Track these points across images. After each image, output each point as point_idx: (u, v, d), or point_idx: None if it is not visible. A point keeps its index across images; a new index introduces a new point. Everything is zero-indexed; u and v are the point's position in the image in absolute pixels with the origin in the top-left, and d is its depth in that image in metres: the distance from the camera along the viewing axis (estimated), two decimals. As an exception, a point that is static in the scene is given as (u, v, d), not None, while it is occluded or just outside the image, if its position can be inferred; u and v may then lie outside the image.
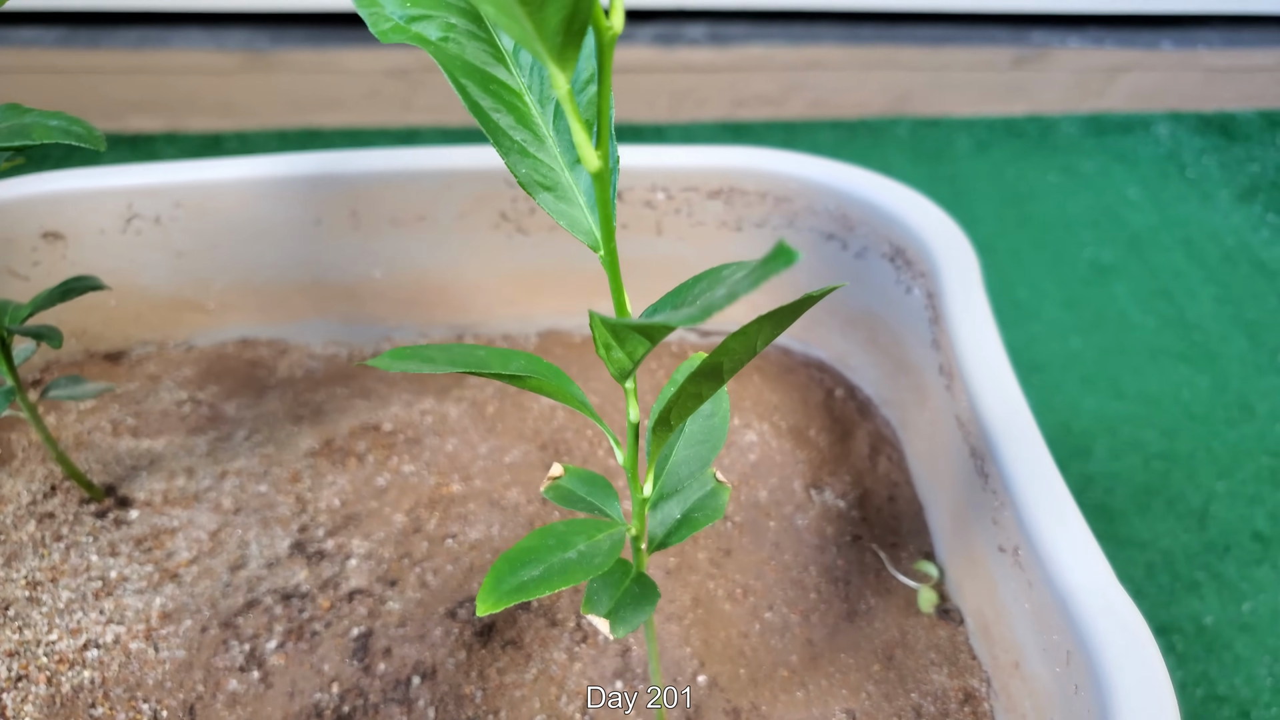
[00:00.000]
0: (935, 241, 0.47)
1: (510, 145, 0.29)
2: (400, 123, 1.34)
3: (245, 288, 0.56)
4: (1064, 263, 1.12)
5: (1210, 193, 1.21)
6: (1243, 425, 0.94)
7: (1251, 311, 1.05)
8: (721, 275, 0.28)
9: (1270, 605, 0.79)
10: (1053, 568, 0.35)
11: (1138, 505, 0.89)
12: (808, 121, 1.31)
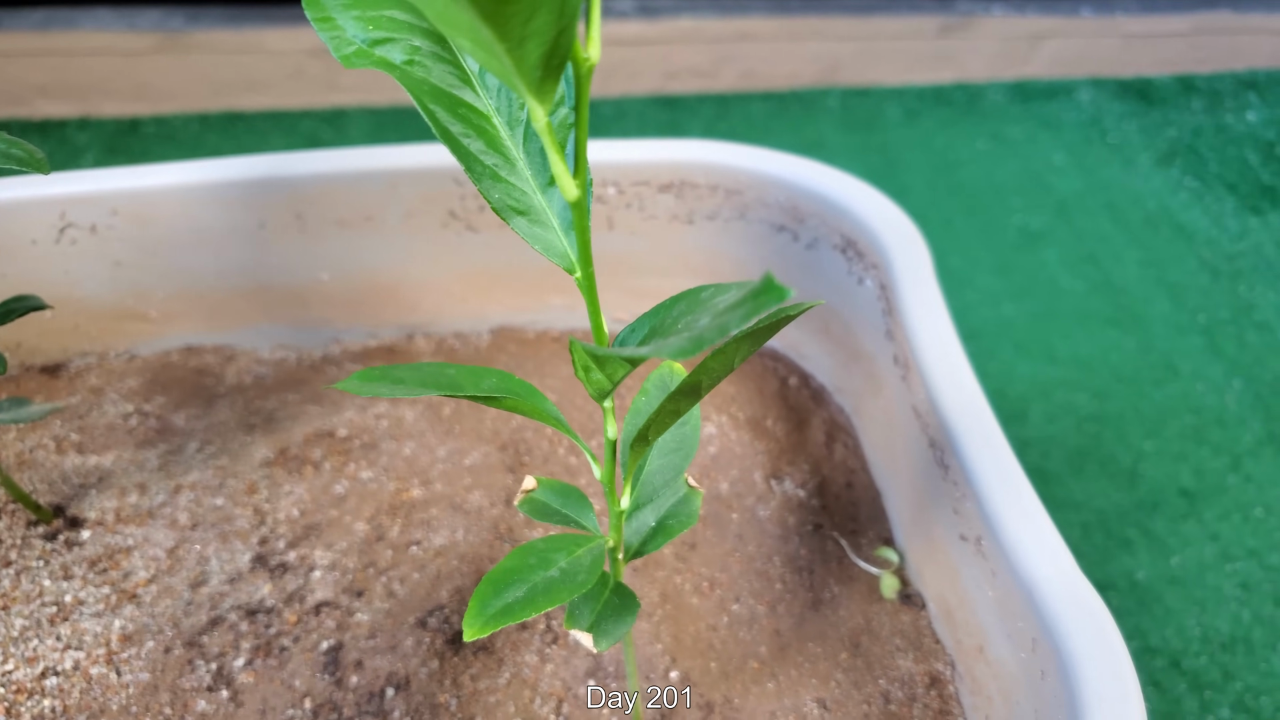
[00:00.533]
0: (886, 233, 0.48)
1: (482, 170, 0.29)
2: (326, 103, 1.31)
3: (188, 295, 0.55)
4: (994, 230, 1.14)
5: (1131, 157, 1.24)
6: (1168, 385, 0.98)
7: (1173, 274, 1.09)
8: (700, 298, 0.29)
9: (1197, 559, 0.82)
10: (1017, 558, 0.36)
11: (1072, 467, 0.92)
12: (740, 93, 1.31)
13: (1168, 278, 1.08)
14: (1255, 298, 1.06)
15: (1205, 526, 0.85)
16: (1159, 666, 0.74)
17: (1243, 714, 0.71)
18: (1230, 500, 0.87)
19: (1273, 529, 0.84)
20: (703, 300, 0.29)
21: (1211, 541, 0.83)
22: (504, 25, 0.21)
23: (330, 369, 0.57)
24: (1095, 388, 0.97)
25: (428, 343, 0.59)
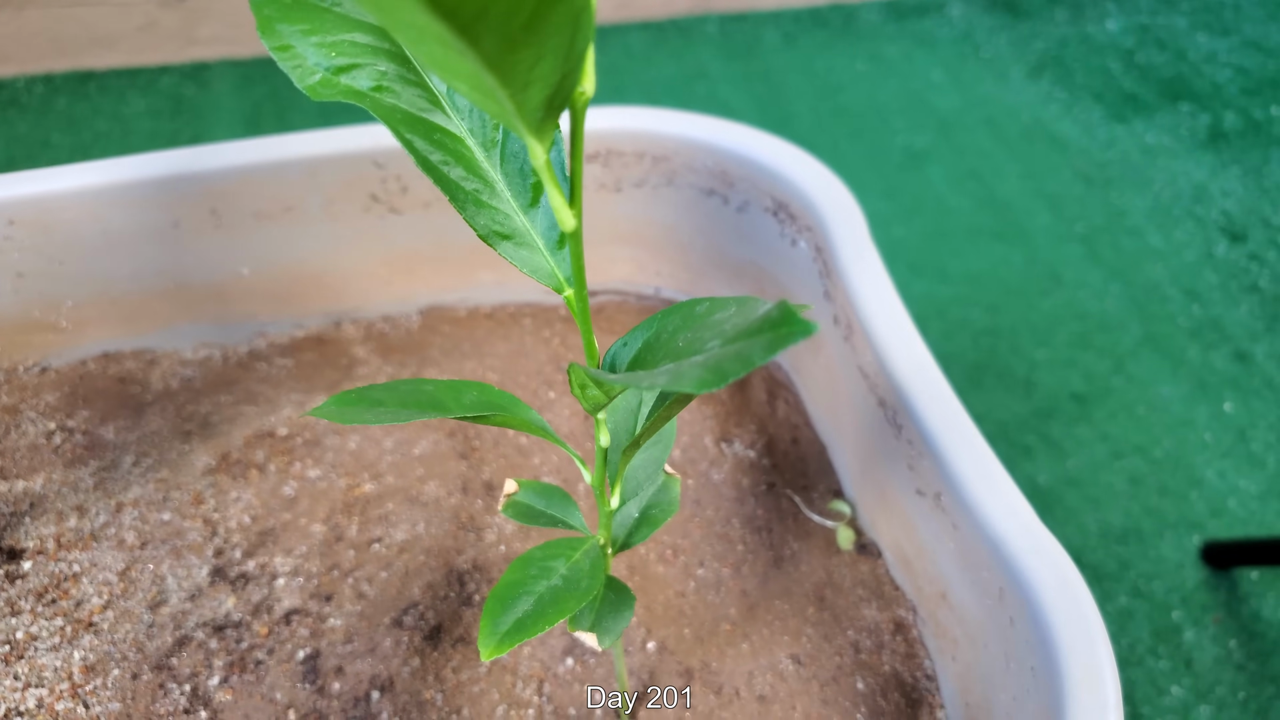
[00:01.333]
0: (818, 196, 0.49)
1: (465, 197, 0.29)
2: (185, 57, 1.25)
3: (101, 300, 0.53)
4: (880, 152, 1.17)
5: (1004, 71, 1.28)
6: (1054, 294, 1.03)
7: (1051, 185, 1.14)
8: (695, 313, 0.29)
9: (1090, 459, 0.88)
10: (980, 514, 0.38)
11: (971, 381, 0.96)
12: (617, 24, 1.30)
13: (1046, 189, 1.13)
14: (1126, 204, 1.11)
15: (1096, 428, 0.90)
16: None
17: (1138, 599, 0.77)
18: (1116, 401, 0.92)
19: (1154, 425, 0.90)
20: (699, 316, 0.29)
21: (1102, 442, 0.89)
22: (508, 73, 0.21)
23: (259, 365, 0.55)
24: (987, 302, 1.02)
25: (356, 329, 0.57)
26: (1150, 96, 1.24)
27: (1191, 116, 1.21)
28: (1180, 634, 0.75)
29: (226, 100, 1.18)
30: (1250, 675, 0.73)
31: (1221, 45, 1.32)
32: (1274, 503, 0.84)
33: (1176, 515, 0.83)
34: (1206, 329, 0.99)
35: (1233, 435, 0.90)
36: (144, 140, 1.13)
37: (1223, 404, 0.92)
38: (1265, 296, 1.03)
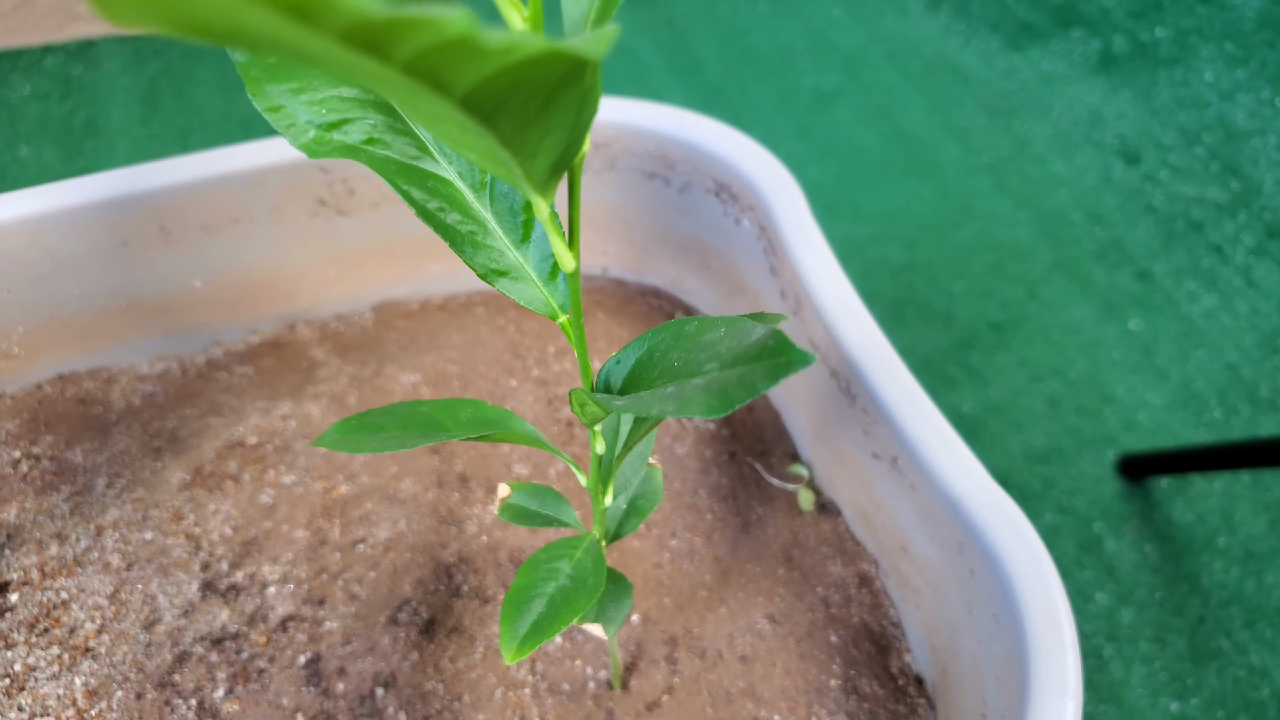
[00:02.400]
0: (758, 177, 0.51)
1: (462, 240, 0.30)
2: (66, 36, 1.21)
3: (53, 324, 0.53)
4: (789, 94, 1.19)
5: (903, 6, 1.31)
6: (966, 226, 1.07)
7: (957, 117, 1.18)
8: (685, 332, 0.32)
9: (1010, 385, 0.93)
10: (937, 475, 0.42)
11: (894, 317, 1.00)
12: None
13: (952, 122, 1.17)
14: (1028, 132, 1.16)
15: (1014, 354, 0.95)
16: None
17: (1064, 515, 0.83)
18: (1031, 327, 0.97)
19: (1068, 347, 0.95)
20: (688, 335, 0.31)
21: (1021, 367, 0.94)
22: (519, 147, 0.23)
23: (219, 374, 0.56)
24: (903, 238, 1.06)
25: (311, 330, 0.58)
26: (1044, 24, 1.28)
27: (1083, 42, 1.26)
28: (1102, 544, 0.80)
29: (119, 79, 1.15)
30: (1165, 576, 0.79)
31: (1108, -31, 1.37)
32: (1179, 413, 0.90)
33: (1093, 432, 0.89)
34: (1110, 250, 1.05)
35: (1139, 352, 0.95)
36: (35, 125, 1.09)
37: (1128, 322, 0.98)
38: (1161, 216, 1.08)
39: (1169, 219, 1.08)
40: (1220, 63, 1.24)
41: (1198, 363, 0.95)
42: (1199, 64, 1.24)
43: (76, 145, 1.08)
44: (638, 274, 0.62)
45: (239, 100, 1.14)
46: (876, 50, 1.24)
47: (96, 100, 1.12)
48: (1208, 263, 1.04)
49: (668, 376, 0.31)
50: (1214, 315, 0.99)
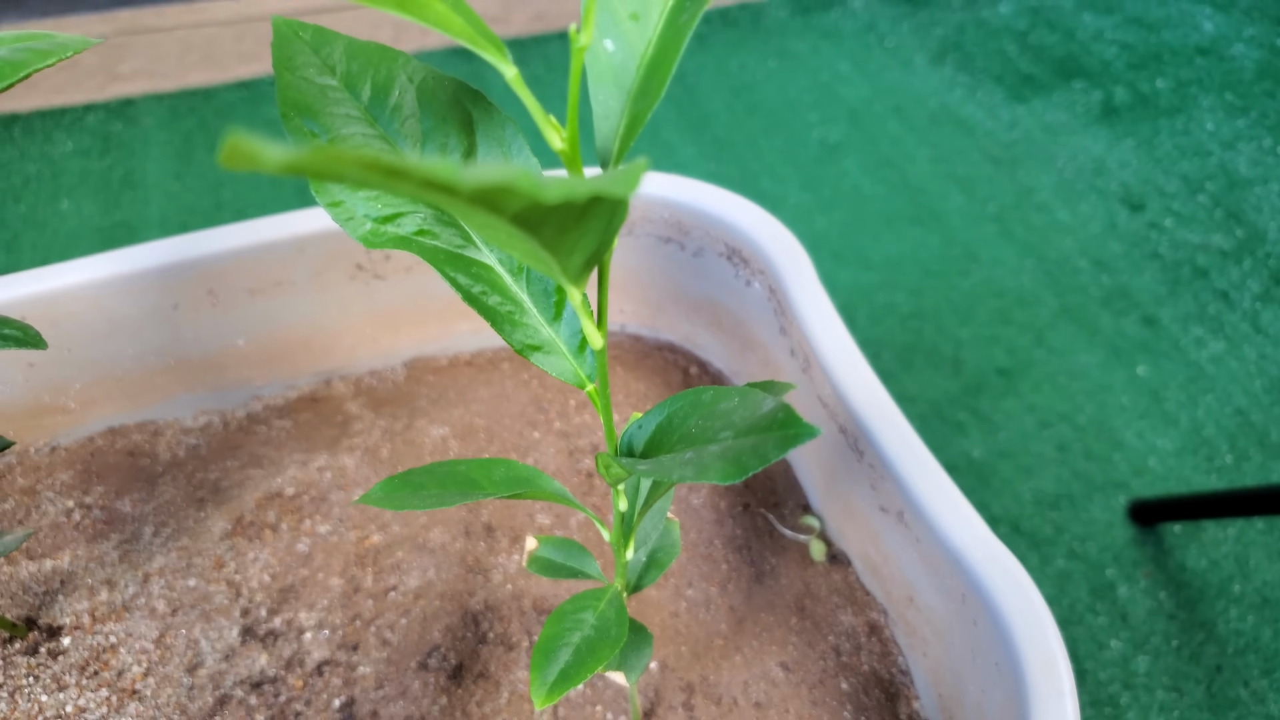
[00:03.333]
0: (767, 243, 0.54)
1: (502, 319, 0.33)
2: (108, 95, 1.25)
3: (106, 381, 0.56)
4: (796, 145, 1.22)
5: (908, 59, 1.34)
6: (972, 273, 1.10)
7: (961, 167, 1.21)
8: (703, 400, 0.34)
9: (1019, 430, 0.95)
10: (940, 529, 0.44)
11: (902, 363, 1.03)
12: (534, 36, 1.33)
13: (957, 172, 1.20)
14: (1032, 181, 1.19)
15: (1022, 399, 0.97)
16: (1002, 533, 0.86)
17: (1074, 560, 0.84)
18: (1039, 372, 1.00)
19: (1076, 392, 0.97)
20: (705, 403, 0.34)
21: (1029, 413, 0.96)
22: (558, 248, 0.26)
23: (259, 428, 0.59)
24: (910, 285, 1.08)
25: (346, 385, 0.61)
26: (1046, 76, 1.32)
27: (1085, 93, 1.29)
28: (1115, 590, 0.81)
29: (156, 134, 1.19)
30: (1181, 623, 0.79)
31: (1107, 23, 1.40)
32: (1189, 458, 0.91)
33: (1103, 477, 0.90)
34: (1116, 297, 1.07)
35: (1148, 397, 0.97)
36: (76, 180, 1.13)
37: (1136, 368, 1.00)
38: (1166, 262, 1.11)
39: (1174, 266, 1.10)
40: (1221, 112, 1.27)
41: (1207, 408, 0.96)
42: (1200, 114, 1.27)
43: (114, 198, 1.12)
44: (654, 330, 0.65)
45: (269, 154, 1.18)
46: (881, 103, 1.27)
47: (134, 155, 1.16)
48: (1214, 309, 1.06)
49: (686, 442, 0.33)
50: (1222, 361, 1.01)
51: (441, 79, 0.35)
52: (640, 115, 0.29)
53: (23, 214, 1.09)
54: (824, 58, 1.33)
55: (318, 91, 0.34)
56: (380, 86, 0.34)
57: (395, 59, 0.35)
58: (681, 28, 0.28)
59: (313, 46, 0.35)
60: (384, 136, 0.34)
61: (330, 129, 0.33)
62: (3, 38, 0.35)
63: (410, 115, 0.34)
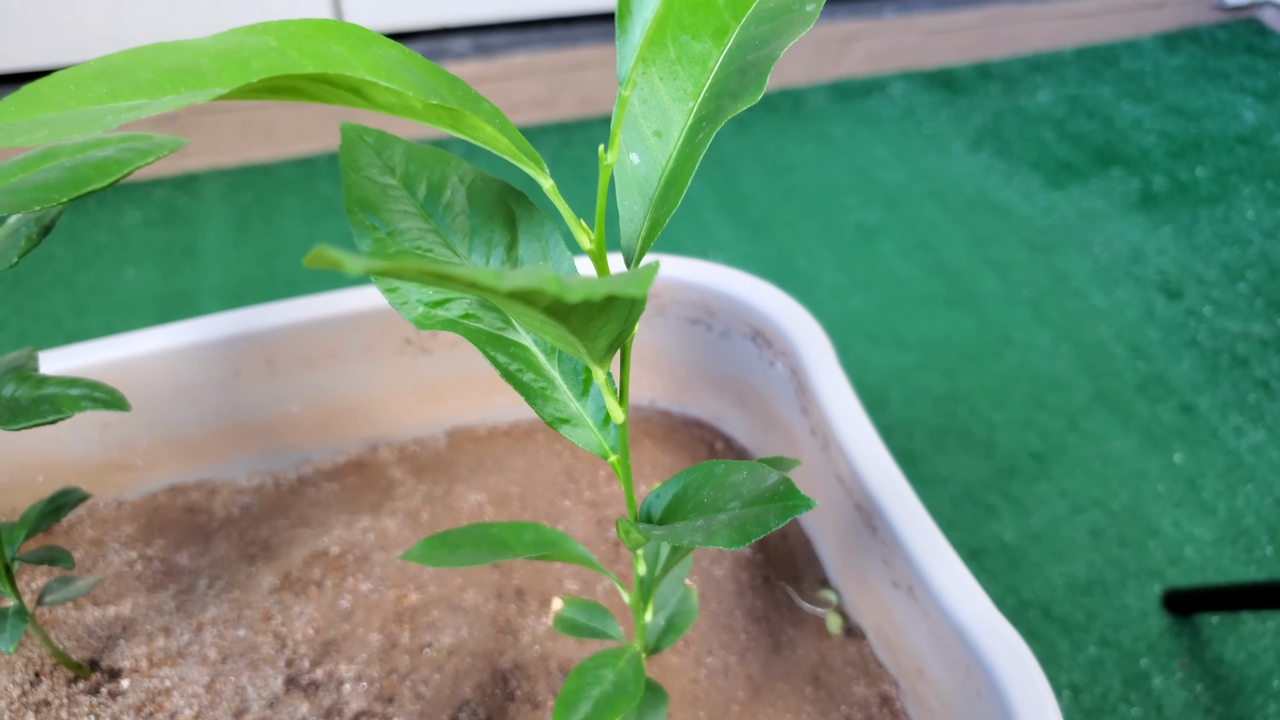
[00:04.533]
0: (790, 327, 0.59)
1: (535, 394, 0.38)
2: (175, 170, 1.33)
3: (170, 442, 0.61)
4: (833, 228, 1.27)
5: (945, 145, 1.40)
6: (1007, 357, 1.13)
7: (997, 252, 1.25)
8: (715, 473, 0.39)
9: (1051, 514, 0.97)
10: (947, 605, 0.48)
11: (935, 445, 1.05)
12: (580, 119, 1.40)
13: (992, 256, 1.24)
14: (1069, 267, 1.22)
15: (1055, 484, 0.99)
16: (1033, 617, 0.88)
17: (1107, 648, 0.85)
18: (1073, 457, 1.02)
19: (1110, 478, 0.99)
20: (717, 475, 0.39)
21: (1062, 497, 0.98)
22: (584, 334, 0.31)
23: (308, 489, 0.64)
24: (944, 367, 1.12)
25: (390, 452, 0.67)
26: (1083, 163, 1.36)
27: (1123, 180, 1.33)
28: (1149, 680, 0.81)
29: (216, 207, 1.27)
30: (1218, 718, 0.79)
31: (1145, 112, 1.45)
32: (1227, 548, 0.91)
33: (1137, 565, 0.90)
34: (1152, 384, 1.09)
35: (1184, 485, 0.98)
36: (140, 250, 1.21)
37: (1173, 455, 1.01)
38: (1204, 350, 1.13)
39: (1213, 354, 1.13)
40: (1262, 201, 1.30)
41: (1246, 498, 0.97)
42: (1240, 202, 1.30)
43: (175, 267, 1.19)
44: (681, 406, 0.70)
45: (321, 228, 1.25)
46: (918, 187, 1.32)
47: (195, 227, 1.24)
48: (1254, 398, 1.08)
49: (699, 511, 0.38)
50: (1261, 450, 1.02)
51: (489, 180, 0.40)
52: (660, 219, 0.34)
53: (91, 281, 1.17)
54: (862, 143, 1.39)
55: (379, 190, 0.39)
56: (434, 186, 0.40)
57: (448, 162, 0.40)
58: (698, 145, 0.33)
59: (375, 149, 0.40)
60: (437, 231, 0.39)
61: (389, 223, 0.39)
62: (109, 139, 0.41)
63: (460, 212, 0.39)
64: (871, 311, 1.17)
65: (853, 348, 1.13)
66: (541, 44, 1.35)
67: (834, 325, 1.13)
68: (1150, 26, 1.54)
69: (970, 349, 1.14)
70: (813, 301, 1.16)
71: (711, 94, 0.34)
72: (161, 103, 0.26)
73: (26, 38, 1.22)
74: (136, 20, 1.24)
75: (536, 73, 1.35)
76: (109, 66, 0.28)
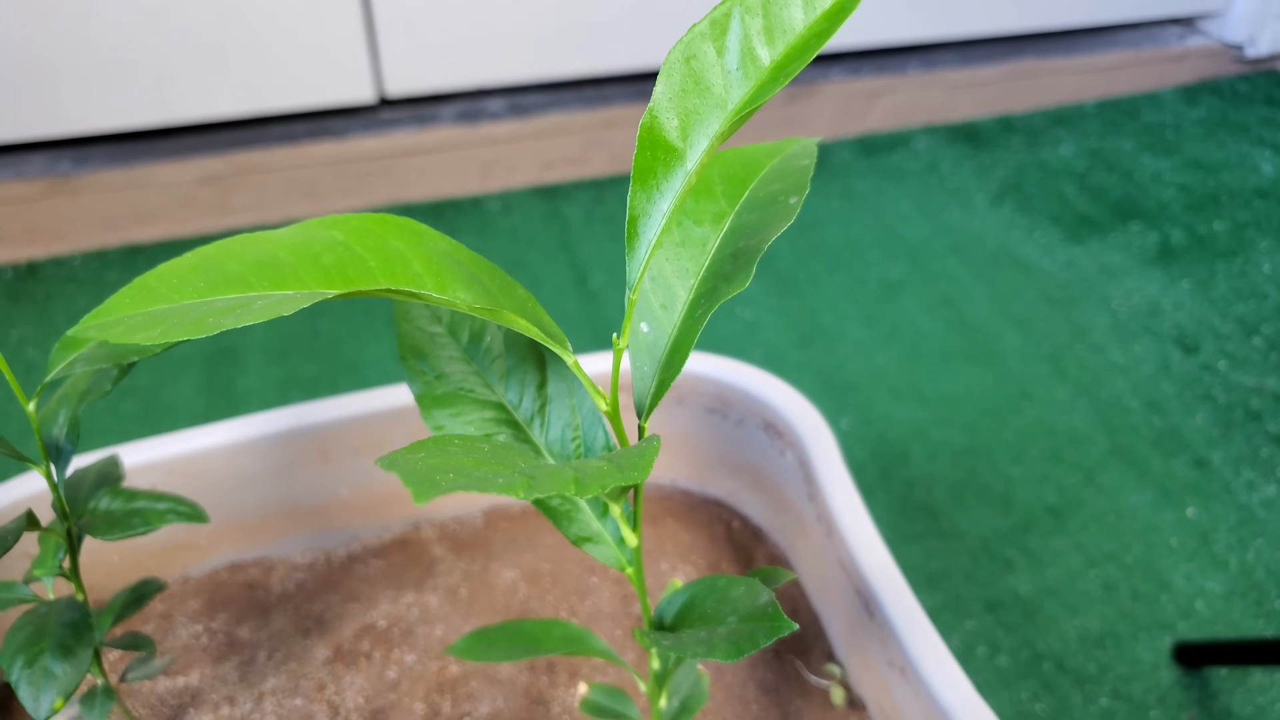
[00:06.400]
0: (798, 422, 0.65)
1: (561, 516, 0.45)
2: (218, 227, 1.41)
3: (231, 524, 0.69)
4: (857, 283, 1.33)
5: (968, 200, 1.45)
6: (1025, 412, 1.18)
7: (1017, 307, 1.30)
8: (717, 586, 0.45)
9: (1066, 568, 1.01)
10: (933, 687, 0.54)
11: (954, 499, 1.10)
12: (612, 176, 1.47)
13: (1013, 311, 1.30)
14: (1087, 321, 1.28)
15: (1070, 538, 1.04)
16: (1047, 669, 0.92)
17: (1118, 700, 0.89)
18: (1088, 511, 1.06)
19: (1124, 531, 1.04)
20: (719, 589, 0.45)
21: (1077, 551, 1.02)
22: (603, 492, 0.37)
23: (358, 566, 0.71)
24: (964, 423, 1.17)
25: (432, 530, 0.74)
26: (1103, 217, 1.42)
27: (1142, 235, 1.38)
28: None
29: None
30: None
31: (1165, 165, 1.50)
32: (1238, 602, 0.95)
33: (1149, 618, 0.94)
34: (1167, 438, 1.14)
35: (1196, 539, 1.02)
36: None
37: (1185, 509, 1.06)
38: (1219, 405, 1.18)
39: (1227, 408, 1.17)
40: (1278, 255, 1.35)
41: (1257, 552, 1.01)
42: (1257, 256, 1.35)
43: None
44: (701, 486, 0.76)
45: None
46: (941, 242, 1.38)
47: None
48: (1267, 452, 1.12)
49: (703, 620, 0.44)
50: (1273, 505, 1.06)
51: (521, 328, 0.47)
52: (667, 381, 0.40)
53: (140, 339, 1.24)
54: (886, 198, 1.45)
55: (428, 338, 0.46)
56: (476, 333, 0.47)
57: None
58: (698, 320, 0.40)
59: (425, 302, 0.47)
60: (478, 372, 0.46)
61: (437, 367, 0.46)
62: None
63: (498, 355, 0.46)
64: (895, 367, 1.23)
65: (876, 403, 1.18)
66: (574, 104, 1.42)
67: (858, 381, 1.19)
68: (1171, 79, 1.59)
69: (990, 404, 1.19)
70: (837, 358, 1.22)
71: (709, 274, 0.40)
72: (253, 311, 0.33)
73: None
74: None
75: (570, 132, 1.43)
76: (204, 259, 0.35)
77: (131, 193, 1.35)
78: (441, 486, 0.27)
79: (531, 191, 1.43)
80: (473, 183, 1.44)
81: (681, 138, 0.35)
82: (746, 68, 0.34)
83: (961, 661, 0.90)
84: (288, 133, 1.39)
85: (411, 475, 0.27)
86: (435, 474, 0.29)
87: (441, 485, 0.27)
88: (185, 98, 1.33)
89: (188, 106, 1.35)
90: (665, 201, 0.35)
